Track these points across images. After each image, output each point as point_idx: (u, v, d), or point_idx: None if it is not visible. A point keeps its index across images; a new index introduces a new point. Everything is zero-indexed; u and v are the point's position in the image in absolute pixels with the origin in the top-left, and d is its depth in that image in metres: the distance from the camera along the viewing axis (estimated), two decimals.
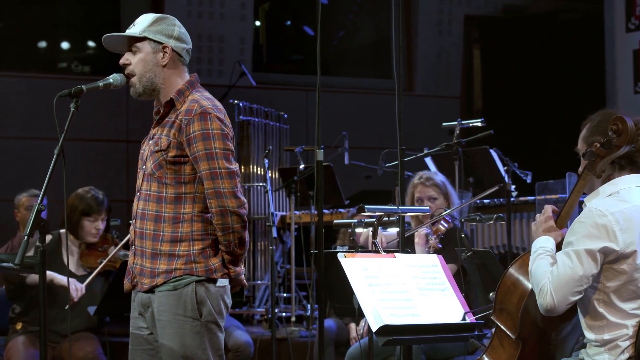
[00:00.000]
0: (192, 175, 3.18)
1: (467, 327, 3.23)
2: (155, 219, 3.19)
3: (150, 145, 3.25)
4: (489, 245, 6.67)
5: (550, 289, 2.91)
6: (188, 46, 3.30)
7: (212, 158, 3.13)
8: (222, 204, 3.13)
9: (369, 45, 10.33)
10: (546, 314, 2.96)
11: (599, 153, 2.99)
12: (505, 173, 6.07)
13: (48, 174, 3.08)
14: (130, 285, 3.29)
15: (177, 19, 3.34)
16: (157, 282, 3.17)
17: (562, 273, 2.90)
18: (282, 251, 7.49)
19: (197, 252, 3.17)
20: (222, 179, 3.13)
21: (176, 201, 3.17)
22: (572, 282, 2.90)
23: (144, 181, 3.24)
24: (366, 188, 8.27)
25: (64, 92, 3.16)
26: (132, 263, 3.27)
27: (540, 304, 2.95)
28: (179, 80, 3.27)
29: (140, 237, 3.22)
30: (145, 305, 3.24)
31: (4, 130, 8.30)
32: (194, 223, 3.17)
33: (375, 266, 3.22)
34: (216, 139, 3.14)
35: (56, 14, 9.15)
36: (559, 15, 9.90)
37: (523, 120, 9.35)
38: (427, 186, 4.75)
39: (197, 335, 3.16)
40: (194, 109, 3.16)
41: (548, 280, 2.93)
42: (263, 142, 7.88)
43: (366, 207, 3.49)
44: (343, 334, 5.32)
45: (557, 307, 2.91)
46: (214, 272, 3.18)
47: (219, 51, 9.09)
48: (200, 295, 3.16)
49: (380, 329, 3.04)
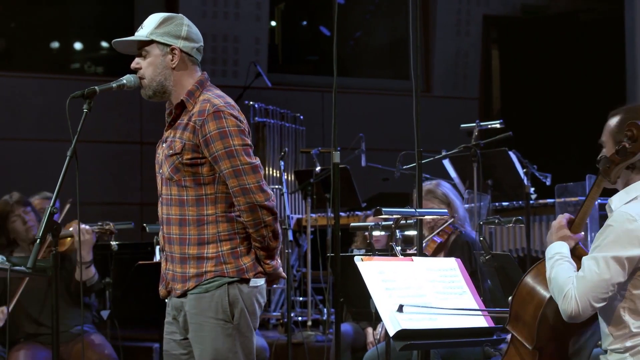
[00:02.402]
0: (211, 176, 3.14)
1: (485, 332, 3.20)
2: (179, 223, 3.16)
3: (165, 148, 3.22)
4: (508, 248, 6.63)
5: (576, 294, 2.85)
6: (198, 44, 3.25)
7: (232, 155, 3.09)
8: (249, 200, 3.09)
9: (386, 46, 10.30)
10: (569, 320, 2.91)
11: (613, 160, 2.96)
12: (524, 175, 6.03)
13: (61, 177, 3.08)
14: (165, 291, 3.26)
15: (191, 20, 3.31)
16: (189, 287, 3.14)
17: (589, 279, 2.85)
18: (298, 254, 7.46)
19: (227, 253, 3.13)
20: (247, 174, 3.09)
21: (198, 203, 3.14)
22: (598, 288, 2.85)
23: (163, 185, 3.22)
24: (383, 190, 8.24)
25: (76, 93, 3.15)
26: (164, 269, 3.25)
27: (564, 310, 2.89)
28: (190, 81, 3.23)
29: (169, 242, 3.20)
30: (178, 309, 3.21)
31: (16, 131, 8.32)
32: (219, 224, 3.14)
33: (393, 270, 3.20)
34: (234, 136, 3.11)
35: (69, 14, 9.18)
36: (578, 15, 9.85)
37: (542, 122, 9.30)
38: (427, 199, 4.76)
39: (228, 338, 3.12)
40: (207, 108, 3.13)
41: (572, 285, 2.87)
42: (279, 144, 7.87)
43: (383, 210, 3.47)
44: (360, 339, 5.28)
45: (581, 313, 2.86)
46: (245, 272, 3.14)
47: (234, 52, 9.07)
48: (232, 296, 3.13)
49: (397, 334, 3.01)
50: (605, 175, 2.97)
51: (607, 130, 3.05)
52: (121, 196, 4.97)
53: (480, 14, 9.94)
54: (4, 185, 8.07)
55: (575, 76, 9.32)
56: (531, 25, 9.93)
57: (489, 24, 10.04)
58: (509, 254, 4.17)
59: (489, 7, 9.97)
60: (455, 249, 4.63)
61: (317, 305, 7.12)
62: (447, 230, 4.68)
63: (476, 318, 3.20)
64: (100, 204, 4.87)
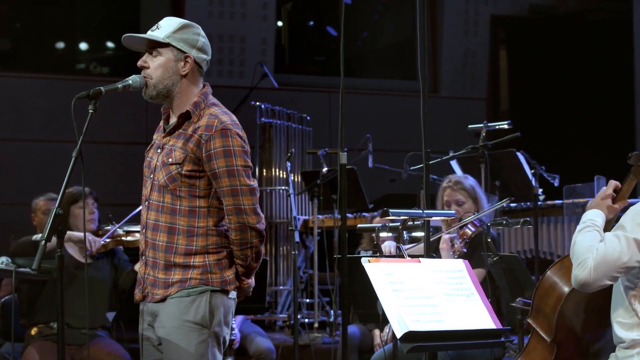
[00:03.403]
0: (207, 190, 3.17)
1: (493, 334, 3.19)
2: (169, 231, 3.17)
3: (162, 155, 3.22)
4: (516, 249, 6.61)
5: (592, 264, 2.92)
6: (208, 57, 3.29)
7: (233, 175, 3.13)
8: (242, 220, 3.14)
9: (393, 46, 10.29)
10: (577, 287, 2.98)
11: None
12: (532, 176, 6.01)
13: (66, 178, 3.06)
14: (140, 295, 3.27)
15: (198, 20, 3.33)
16: (171, 292, 3.16)
17: (609, 254, 2.92)
18: (304, 256, 7.45)
19: (213, 264, 3.17)
20: (243, 195, 3.14)
21: (190, 214, 3.17)
22: (614, 265, 2.92)
23: (153, 191, 3.23)
24: (390, 192, 8.23)
25: (82, 94, 3.13)
26: (143, 273, 3.25)
27: (576, 275, 2.96)
28: (195, 90, 3.25)
29: (153, 247, 3.20)
30: (154, 315, 3.22)
31: (21, 132, 8.32)
32: (209, 237, 3.17)
33: (400, 271, 3.19)
34: (237, 156, 3.15)
35: (74, 15, 9.18)
36: (586, 15, 9.83)
37: (550, 122, 9.28)
38: (454, 190, 4.74)
39: (202, 343, 3.14)
40: (214, 124, 3.15)
41: (592, 255, 2.93)
42: (285, 145, 7.86)
43: (390, 211, 3.46)
44: (367, 341, 5.27)
45: (591, 283, 2.93)
46: (228, 284, 3.19)
47: (240, 52, 9.06)
48: (214, 305, 3.16)
49: (404, 336, 3.01)
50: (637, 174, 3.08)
51: None
52: (127, 197, 4.97)
53: (487, 14, 9.91)
54: (8, 186, 8.11)
55: (584, 76, 9.29)
56: (539, 25, 9.91)
57: (497, 24, 10.02)
58: (516, 256, 4.16)
59: (497, 7, 9.95)
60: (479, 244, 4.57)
61: (324, 307, 7.11)
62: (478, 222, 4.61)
63: (484, 320, 3.19)
64: (105, 205, 4.86)
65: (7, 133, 8.28)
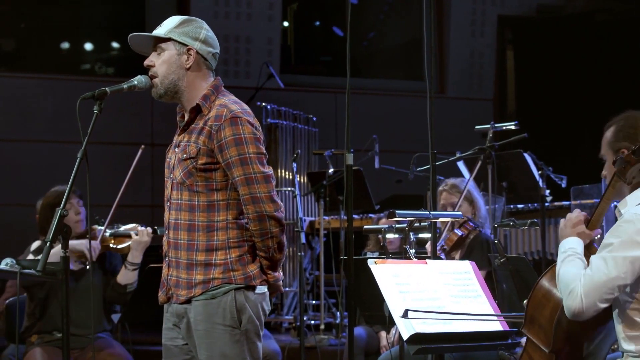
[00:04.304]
0: (224, 182, 3.13)
1: (500, 335, 3.19)
2: (188, 228, 3.14)
3: (178, 153, 3.20)
4: (523, 251, 6.60)
5: (581, 292, 2.87)
6: (214, 50, 3.25)
7: (246, 163, 3.09)
8: (259, 209, 3.09)
9: (400, 46, 10.28)
10: (572, 317, 2.92)
11: (629, 160, 2.97)
12: (539, 177, 5.99)
13: (71, 179, 3.06)
14: (165, 297, 3.24)
15: (204, 20, 3.30)
16: (195, 293, 3.12)
17: (596, 278, 2.86)
18: (310, 257, 7.45)
19: (235, 260, 3.12)
20: (258, 183, 3.10)
21: (209, 209, 3.13)
22: (604, 287, 2.86)
23: (173, 190, 3.20)
24: (397, 193, 8.22)
25: (87, 94, 3.13)
26: (166, 274, 3.22)
27: (568, 306, 2.90)
28: (203, 84, 3.22)
29: (175, 247, 3.18)
30: (180, 316, 3.19)
31: (26, 133, 8.32)
32: (229, 230, 3.13)
33: (407, 273, 3.19)
34: (249, 144, 3.11)
35: (79, 15, 9.18)
36: (595, 15, 9.80)
37: (558, 123, 9.26)
38: (450, 193, 4.76)
39: (237, 344, 3.11)
40: (224, 114, 3.12)
41: (580, 283, 2.88)
42: (291, 146, 7.86)
43: (397, 212, 3.45)
44: (373, 342, 5.27)
45: (585, 311, 2.87)
46: (252, 279, 3.14)
47: (246, 52, 9.05)
48: (239, 303, 3.12)
49: (411, 337, 3.00)
50: (621, 176, 2.98)
51: (604, 142, 3.11)
52: (132, 198, 4.95)
53: (495, 14, 9.90)
54: (13, 187, 8.11)
55: (591, 77, 9.27)
56: (547, 26, 9.89)
57: (504, 24, 10.01)
58: (524, 257, 4.15)
59: (504, 7, 9.93)
60: (475, 246, 4.59)
61: (330, 309, 7.10)
62: (469, 226, 4.63)
63: (491, 322, 3.19)
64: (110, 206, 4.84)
65: (11, 134, 8.29)
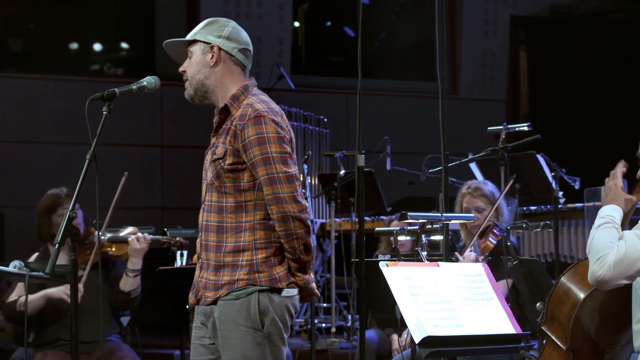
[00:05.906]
0: (251, 182, 3.11)
1: (513, 338, 3.17)
2: (217, 230, 3.14)
3: (209, 154, 3.22)
4: (536, 253, 6.58)
5: (612, 261, 2.88)
6: (241, 45, 3.24)
7: (269, 163, 3.07)
8: (282, 210, 3.06)
9: (412, 47, 10.26)
10: (594, 283, 2.94)
11: None
12: (552, 179, 5.96)
13: (80, 180, 3.06)
14: (194, 299, 3.23)
15: None
16: (221, 294, 3.11)
17: (630, 252, 2.88)
18: (321, 260, 7.43)
19: (261, 262, 3.10)
20: (281, 183, 3.07)
21: (237, 210, 3.12)
22: (634, 265, 2.88)
23: (206, 192, 3.21)
24: (409, 194, 8.20)
25: (96, 95, 3.14)
26: (197, 276, 3.22)
27: (594, 271, 2.92)
28: (233, 83, 3.22)
29: (205, 249, 3.17)
30: (207, 315, 3.19)
31: (35, 134, 8.33)
32: (256, 231, 3.10)
33: (418, 275, 3.17)
34: (272, 143, 3.08)
35: (88, 15, 9.19)
36: (608, 15, 9.77)
37: (571, 125, 9.23)
38: (474, 196, 4.68)
39: (258, 346, 3.10)
40: (248, 113, 3.12)
41: (612, 252, 2.90)
42: (302, 147, 7.85)
43: (409, 215, 3.43)
44: (385, 346, 5.24)
45: (609, 280, 2.90)
46: (278, 281, 3.11)
47: (257, 53, 9.03)
48: (262, 305, 3.09)
49: (423, 340, 2.99)
50: None
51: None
52: (142, 200, 4.93)
53: (507, 15, 9.88)
54: (22, 189, 8.12)
55: (605, 78, 9.23)
56: (560, 26, 9.86)
57: (517, 24, 9.99)
58: (537, 260, 4.14)
59: (517, 7, 9.90)
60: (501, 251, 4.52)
61: (342, 312, 7.09)
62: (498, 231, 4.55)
63: (504, 325, 3.16)
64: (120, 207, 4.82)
65: (20, 135, 8.30)
